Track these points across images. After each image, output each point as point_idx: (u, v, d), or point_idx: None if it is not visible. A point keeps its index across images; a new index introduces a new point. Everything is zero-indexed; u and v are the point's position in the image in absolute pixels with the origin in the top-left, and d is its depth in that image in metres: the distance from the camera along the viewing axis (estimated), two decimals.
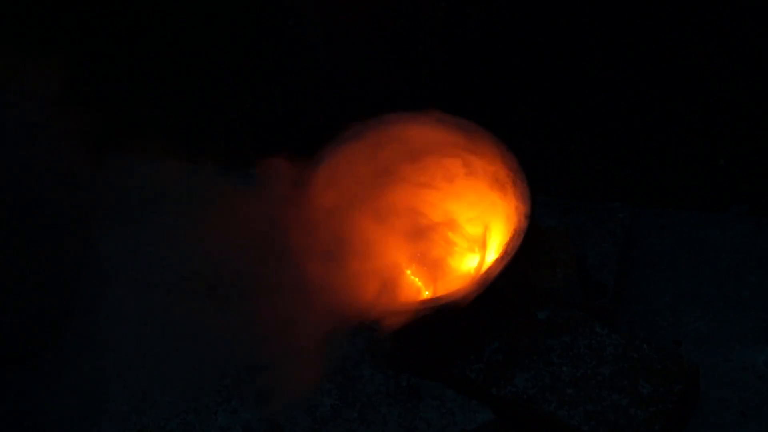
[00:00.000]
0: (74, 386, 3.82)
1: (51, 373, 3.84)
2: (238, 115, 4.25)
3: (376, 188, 3.81)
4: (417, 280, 3.79)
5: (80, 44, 4.21)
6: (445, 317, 3.55)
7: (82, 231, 4.00)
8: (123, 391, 3.79)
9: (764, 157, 4.00)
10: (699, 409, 3.65)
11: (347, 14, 3.99)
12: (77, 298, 3.96)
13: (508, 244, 3.58)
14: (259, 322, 3.82)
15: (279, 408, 3.64)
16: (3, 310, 3.87)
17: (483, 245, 3.77)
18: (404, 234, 3.81)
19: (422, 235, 3.82)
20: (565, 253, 3.81)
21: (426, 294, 3.75)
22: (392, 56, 4.06)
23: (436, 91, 4.09)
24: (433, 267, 3.80)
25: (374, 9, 3.96)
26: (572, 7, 3.86)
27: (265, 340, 3.82)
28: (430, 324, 3.56)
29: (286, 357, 3.67)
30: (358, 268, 3.69)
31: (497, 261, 3.56)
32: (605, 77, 3.97)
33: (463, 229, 3.81)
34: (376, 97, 4.10)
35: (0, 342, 3.87)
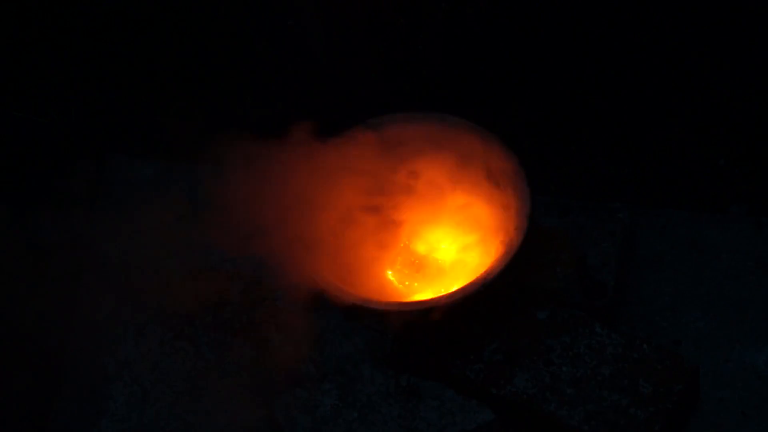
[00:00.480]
0: (74, 386, 3.82)
1: (51, 373, 3.84)
2: (238, 115, 4.25)
3: (374, 188, 3.80)
4: (398, 281, 3.79)
5: (80, 44, 4.21)
6: (445, 317, 3.55)
7: (82, 230, 4.00)
8: (123, 391, 3.79)
9: (764, 157, 4.00)
10: (699, 409, 3.65)
11: (347, 14, 3.99)
12: (77, 298, 3.96)
13: (508, 244, 3.58)
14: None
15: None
16: (4, 311, 3.88)
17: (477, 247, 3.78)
18: (400, 235, 3.81)
19: (417, 235, 3.83)
20: (565, 253, 3.81)
21: (409, 296, 3.75)
22: (392, 56, 4.06)
23: (436, 91, 4.09)
24: (422, 268, 3.80)
25: (374, 9, 3.96)
26: (572, 7, 3.86)
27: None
28: (430, 324, 3.56)
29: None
30: (354, 270, 3.71)
31: (497, 261, 3.56)
32: (605, 77, 3.97)
33: (460, 230, 3.81)
34: (376, 97, 4.10)
35: (1, 342, 3.87)
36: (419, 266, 3.80)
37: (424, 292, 3.75)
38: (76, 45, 4.21)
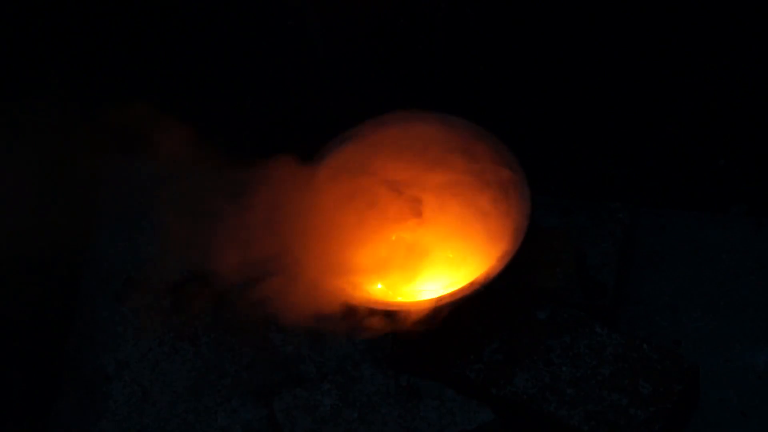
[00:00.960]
0: (74, 386, 3.82)
1: (51, 373, 3.84)
2: (238, 115, 4.25)
3: (373, 189, 3.80)
4: (392, 283, 3.79)
5: (79, 44, 4.21)
6: (445, 317, 3.55)
7: (82, 230, 4.00)
8: (123, 391, 3.79)
9: (764, 157, 4.00)
10: (699, 409, 3.65)
11: (347, 14, 3.99)
12: (77, 298, 3.96)
13: (507, 245, 3.58)
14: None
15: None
16: (4, 310, 3.88)
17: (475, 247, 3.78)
18: (397, 234, 3.81)
19: (415, 235, 3.83)
20: (565, 253, 3.81)
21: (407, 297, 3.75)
22: (392, 56, 4.06)
23: (436, 90, 4.09)
24: (419, 268, 3.80)
25: (374, 9, 3.96)
26: (572, 7, 3.86)
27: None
28: (430, 324, 3.56)
29: None
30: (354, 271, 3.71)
31: (497, 261, 3.56)
32: (605, 77, 3.97)
33: (459, 229, 3.81)
34: (376, 97, 4.10)
35: (0, 342, 3.87)
36: (415, 266, 3.80)
37: (422, 293, 3.75)
38: (73, 44, 4.20)
